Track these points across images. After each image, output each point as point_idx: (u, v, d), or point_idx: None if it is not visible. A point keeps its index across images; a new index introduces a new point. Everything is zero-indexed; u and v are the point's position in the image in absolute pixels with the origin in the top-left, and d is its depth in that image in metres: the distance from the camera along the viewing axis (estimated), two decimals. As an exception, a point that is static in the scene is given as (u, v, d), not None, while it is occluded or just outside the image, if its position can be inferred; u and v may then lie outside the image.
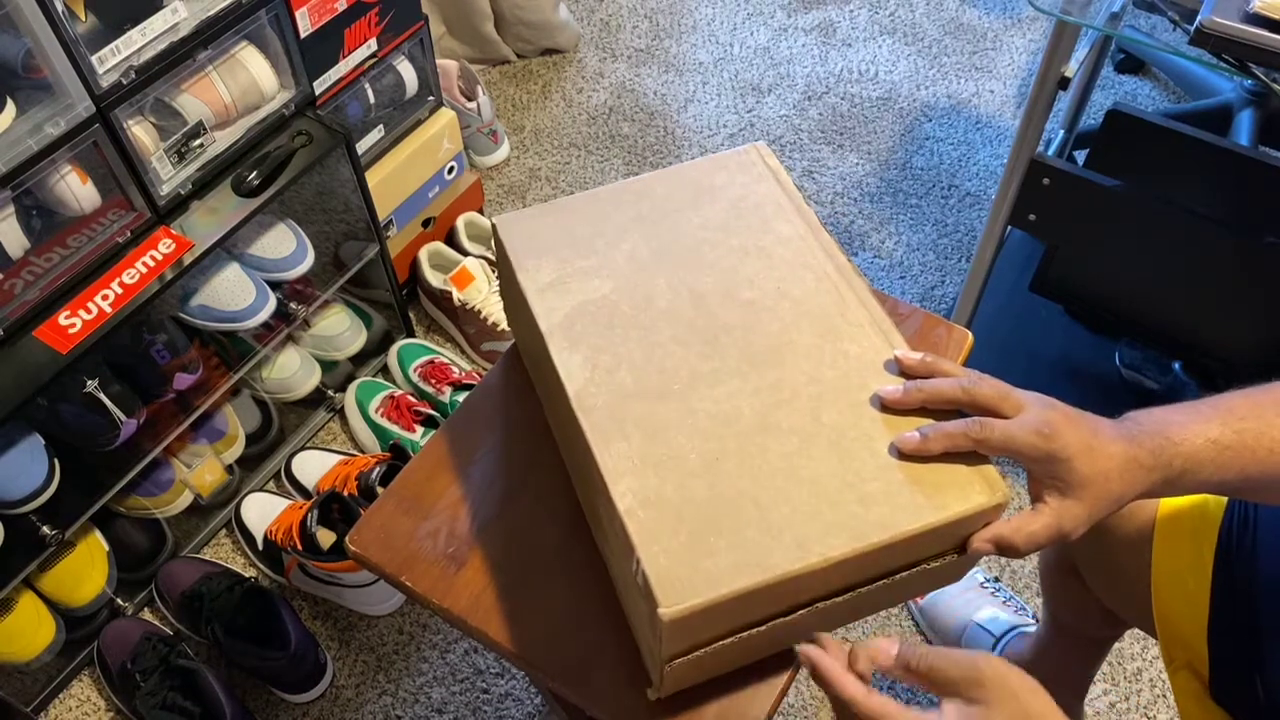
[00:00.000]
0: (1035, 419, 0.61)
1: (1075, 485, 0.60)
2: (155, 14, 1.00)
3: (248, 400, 1.44)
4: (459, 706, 1.27)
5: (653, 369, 0.68)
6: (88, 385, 1.12)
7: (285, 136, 1.20)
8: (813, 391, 0.67)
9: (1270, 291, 1.19)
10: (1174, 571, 0.81)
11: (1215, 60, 0.98)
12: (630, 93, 1.99)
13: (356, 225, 1.39)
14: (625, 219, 0.78)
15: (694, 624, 0.59)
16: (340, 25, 1.22)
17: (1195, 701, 0.79)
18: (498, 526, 0.78)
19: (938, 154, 1.86)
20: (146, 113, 1.07)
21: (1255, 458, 0.62)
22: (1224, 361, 1.31)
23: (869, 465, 0.63)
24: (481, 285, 1.54)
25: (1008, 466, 1.30)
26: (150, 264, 1.09)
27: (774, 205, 0.78)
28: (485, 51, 2.01)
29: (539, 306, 0.72)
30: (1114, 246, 1.27)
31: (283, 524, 1.33)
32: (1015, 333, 1.55)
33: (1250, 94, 1.64)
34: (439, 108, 1.50)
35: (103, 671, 1.27)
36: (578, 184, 1.83)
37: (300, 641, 1.22)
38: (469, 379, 1.50)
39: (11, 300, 1.02)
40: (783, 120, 1.93)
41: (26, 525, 1.11)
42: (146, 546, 1.34)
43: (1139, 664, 1.28)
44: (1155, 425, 0.63)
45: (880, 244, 1.73)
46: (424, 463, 0.83)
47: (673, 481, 0.62)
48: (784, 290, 0.73)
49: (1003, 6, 2.14)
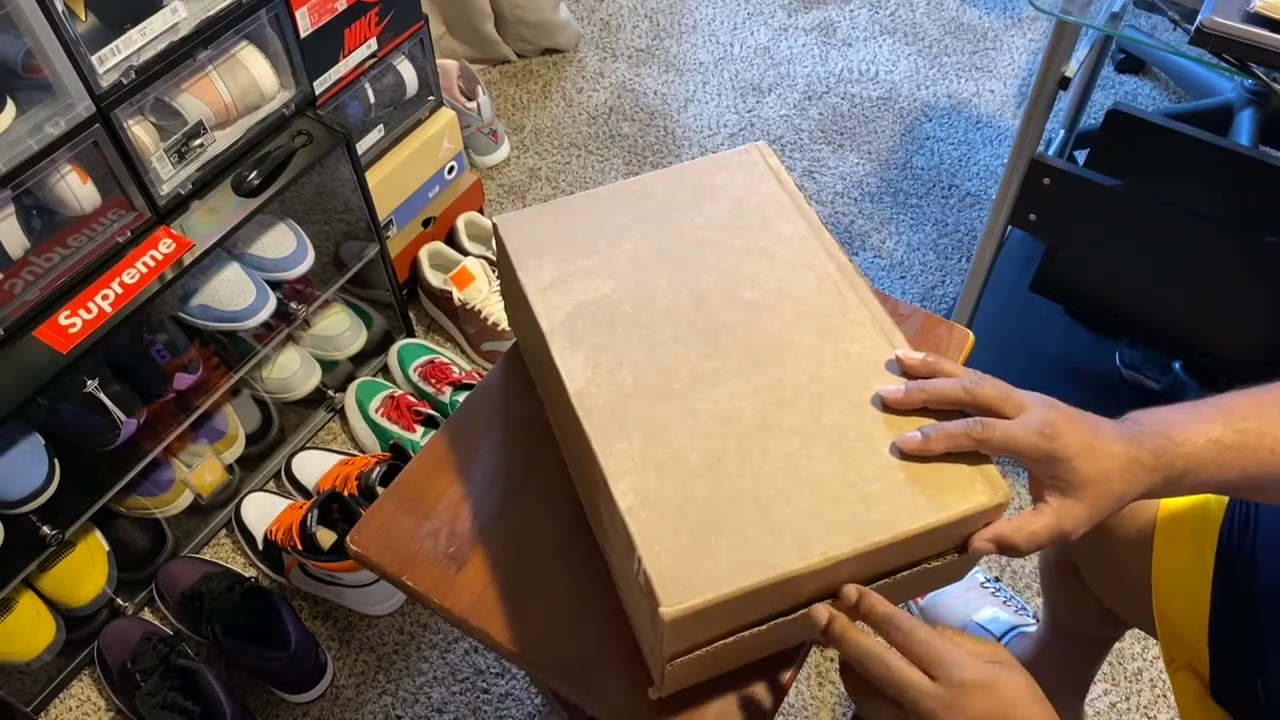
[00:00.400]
0: (1037, 419, 0.61)
1: (1076, 485, 0.60)
2: (155, 14, 1.00)
3: (248, 400, 1.44)
4: (459, 706, 1.27)
5: (654, 368, 0.68)
6: (88, 385, 1.12)
7: (285, 136, 1.20)
8: (814, 391, 0.67)
9: (1271, 291, 1.19)
10: (1175, 572, 0.81)
11: (1215, 60, 0.98)
12: (630, 92, 1.99)
13: (357, 225, 1.39)
14: (626, 219, 0.78)
15: (695, 623, 0.59)
16: (340, 25, 1.22)
17: (1196, 702, 0.79)
18: (498, 526, 0.78)
19: (938, 154, 1.86)
20: (147, 112, 1.07)
21: (1257, 458, 0.62)
22: (1224, 361, 1.31)
23: (870, 465, 0.63)
24: (482, 285, 1.54)
25: (1008, 466, 1.30)
26: (150, 264, 1.09)
27: (775, 205, 0.78)
28: (485, 51, 2.01)
29: (540, 306, 0.72)
30: (1114, 246, 1.27)
31: (283, 524, 1.33)
32: (1016, 333, 1.55)
33: (1251, 94, 1.64)
34: (439, 107, 1.50)
35: (103, 671, 1.27)
36: (578, 184, 1.83)
37: (300, 641, 1.22)
38: (469, 379, 1.49)
39: (12, 300, 1.02)
40: (783, 120, 1.93)
41: (26, 525, 1.11)
42: (146, 546, 1.34)
43: (1139, 664, 1.28)
44: (1156, 425, 0.63)
45: (881, 244, 1.73)
46: (424, 462, 0.83)
47: (674, 481, 0.62)
48: (785, 290, 0.73)
49: (1003, 6, 2.14)
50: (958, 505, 0.61)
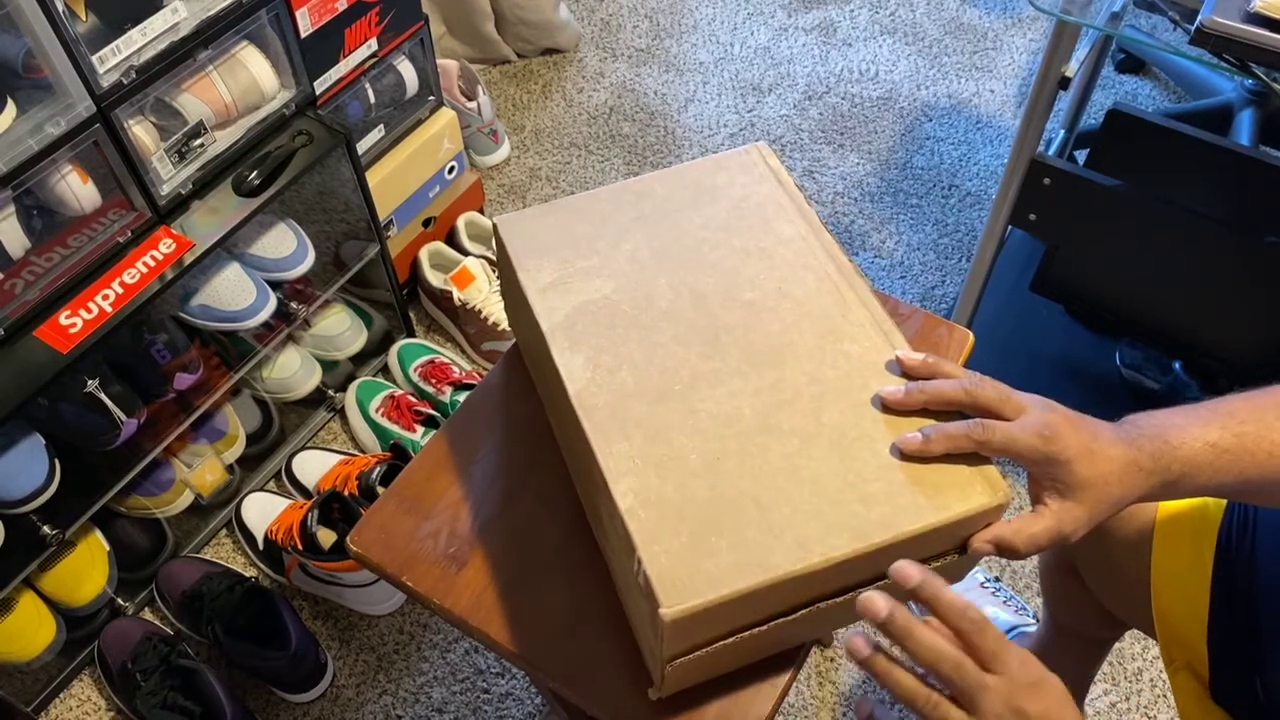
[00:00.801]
0: (1036, 421, 0.61)
1: (1075, 487, 0.60)
2: (155, 14, 1.00)
3: (248, 400, 1.44)
4: (459, 706, 1.27)
5: (654, 369, 0.68)
6: (88, 385, 1.12)
7: (286, 136, 1.20)
8: (814, 392, 0.67)
9: (1270, 291, 1.19)
10: (1174, 573, 0.81)
11: (1216, 60, 0.98)
12: (631, 92, 1.99)
13: (357, 225, 1.39)
14: (626, 219, 0.78)
15: (695, 624, 0.59)
16: (341, 25, 1.22)
17: (1195, 702, 0.79)
18: (499, 526, 0.78)
19: (938, 154, 1.86)
20: (147, 112, 1.07)
21: (1255, 461, 0.62)
22: (1224, 361, 1.31)
23: (870, 465, 0.63)
24: (482, 285, 1.54)
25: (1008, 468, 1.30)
26: (151, 264, 1.09)
27: (775, 205, 0.78)
28: (486, 51, 2.01)
29: (540, 306, 0.72)
30: (1114, 246, 1.27)
31: (283, 524, 1.33)
32: (1016, 333, 1.55)
33: (1251, 94, 1.64)
34: (439, 107, 1.50)
35: (103, 671, 1.27)
36: (578, 184, 1.83)
37: (301, 641, 1.22)
38: (469, 379, 1.50)
39: (12, 300, 1.02)
40: (783, 120, 1.93)
41: (27, 525, 1.11)
42: (147, 546, 1.34)
43: (1139, 664, 1.28)
44: (1154, 429, 0.63)
45: (881, 244, 1.73)
46: (425, 463, 0.83)
47: (674, 481, 0.62)
48: (785, 291, 0.73)
49: (1003, 6, 2.14)
50: (958, 506, 0.61)
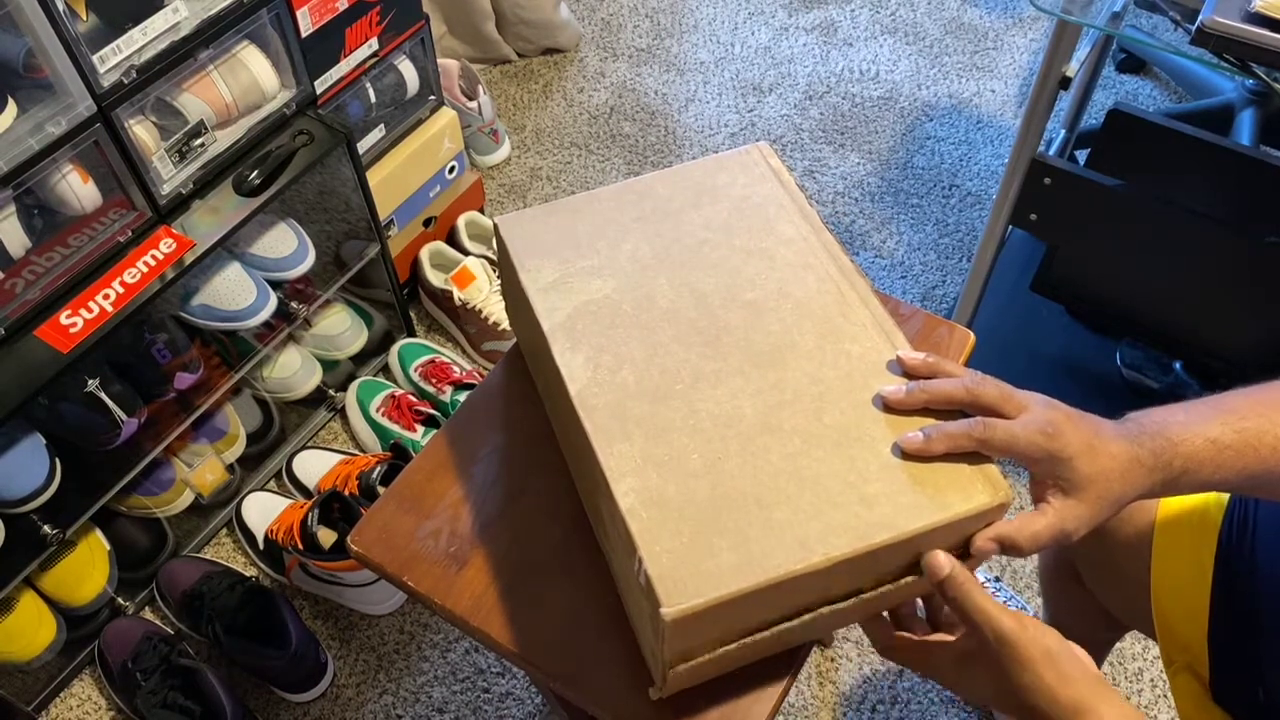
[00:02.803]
0: (1038, 419, 0.61)
1: (1077, 485, 0.60)
2: (156, 13, 1.00)
3: (248, 399, 1.44)
4: (460, 706, 1.27)
5: (655, 369, 0.68)
6: (89, 384, 1.12)
7: (286, 136, 1.20)
8: (815, 392, 0.67)
9: (1271, 291, 1.19)
10: (1174, 574, 0.81)
11: (1216, 60, 0.98)
12: (631, 92, 1.99)
13: (357, 225, 1.39)
14: (627, 219, 0.78)
15: (696, 624, 0.59)
16: (341, 25, 1.22)
17: (1195, 703, 0.79)
18: (499, 526, 0.78)
19: (939, 154, 1.86)
20: (148, 112, 1.07)
21: (1258, 456, 0.62)
22: (1225, 361, 1.31)
23: (871, 465, 0.63)
24: (482, 285, 1.54)
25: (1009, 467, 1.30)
26: (151, 263, 1.09)
27: (776, 206, 0.78)
28: (486, 51, 2.01)
29: (541, 306, 0.72)
30: (1115, 246, 1.27)
31: (283, 523, 1.33)
32: (1016, 333, 1.55)
33: (1251, 93, 1.64)
34: (440, 107, 1.50)
35: (103, 671, 1.27)
36: (579, 183, 1.83)
37: (301, 641, 1.22)
38: (470, 378, 1.50)
39: (13, 300, 1.02)
40: (784, 120, 1.93)
41: (27, 524, 1.11)
42: (147, 546, 1.34)
43: (1139, 664, 1.28)
44: (1156, 426, 0.63)
45: (881, 244, 1.73)
46: (425, 462, 0.83)
47: (675, 481, 0.62)
48: (786, 291, 0.73)
49: (1004, 6, 2.14)
50: (959, 505, 0.61)
